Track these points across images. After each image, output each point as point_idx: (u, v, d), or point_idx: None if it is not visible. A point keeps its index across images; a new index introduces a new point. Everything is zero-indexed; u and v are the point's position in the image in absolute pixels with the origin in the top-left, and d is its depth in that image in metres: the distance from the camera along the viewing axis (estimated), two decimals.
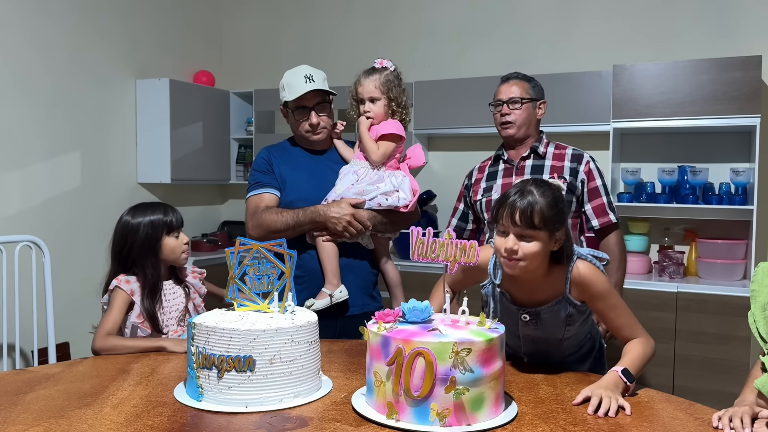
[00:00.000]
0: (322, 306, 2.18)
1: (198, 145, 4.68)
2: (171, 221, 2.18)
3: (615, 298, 1.68)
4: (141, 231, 2.15)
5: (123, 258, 2.18)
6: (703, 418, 1.41)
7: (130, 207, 2.22)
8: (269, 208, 2.29)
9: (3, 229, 3.57)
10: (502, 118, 2.47)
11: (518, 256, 1.58)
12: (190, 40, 4.93)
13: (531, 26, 4.29)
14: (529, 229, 1.57)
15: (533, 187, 1.60)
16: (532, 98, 2.47)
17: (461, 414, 1.32)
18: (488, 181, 2.52)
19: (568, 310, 1.70)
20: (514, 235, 1.59)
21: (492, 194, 2.47)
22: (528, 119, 2.46)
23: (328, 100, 2.34)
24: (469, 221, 2.64)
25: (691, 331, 3.39)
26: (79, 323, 4.07)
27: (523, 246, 1.58)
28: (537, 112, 2.50)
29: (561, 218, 1.61)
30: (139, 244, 2.14)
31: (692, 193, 3.65)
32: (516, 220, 1.57)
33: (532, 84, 2.50)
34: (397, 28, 4.67)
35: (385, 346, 1.37)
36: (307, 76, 2.29)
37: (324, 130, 2.35)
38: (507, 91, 2.46)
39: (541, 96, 2.52)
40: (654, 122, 3.60)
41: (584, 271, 1.66)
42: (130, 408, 1.44)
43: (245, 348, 1.44)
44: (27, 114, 3.76)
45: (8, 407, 1.44)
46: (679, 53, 3.85)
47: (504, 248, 1.59)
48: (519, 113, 2.44)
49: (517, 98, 2.44)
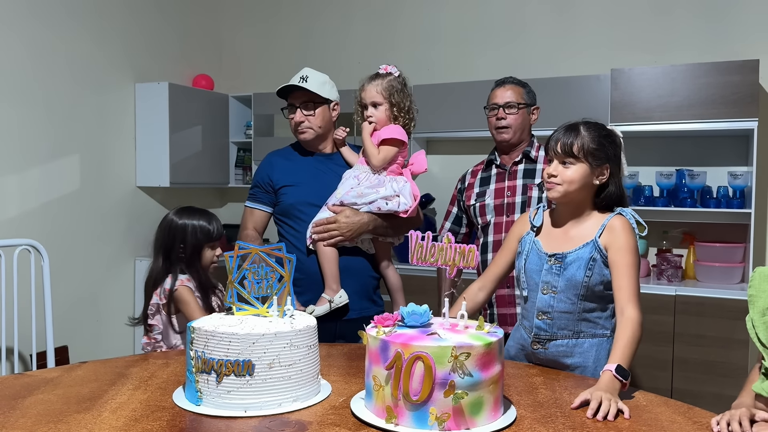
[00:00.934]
0: (322, 312, 2.20)
1: (197, 148, 4.68)
2: (213, 232, 2.31)
3: (632, 259, 1.75)
4: (189, 233, 2.24)
5: (174, 257, 2.26)
6: (701, 422, 1.41)
7: (177, 208, 2.32)
8: (248, 235, 2.39)
9: (2, 233, 3.56)
10: (498, 122, 2.47)
11: (556, 180, 1.78)
12: (190, 44, 4.93)
13: (529, 30, 4.30)
14: (569, 157, 1.77)
15: (581, 124, 1.81)
16: (527, 103, 2.48)
17: (460, 418, 1.33)
18: (481, 186, 2.54)
19: (592, 254, 1.78)
20: (557, 161, 1.79)
21: (485, 199, 2.49)
22: (523, 124, 2.47)
23: (318, 102, 2.35)
24: (462, 225, 2.65)
25: (690, 335, 3.39)
26: (77, 327, 4.08)
27: (562, 171, 1.78)
28: (531, 118, 2.51)
29: (604, 155, 1.80)
30: (190, 247, 2.22)
31: (690, 196, 3.65)
32: (557, 149, 1.78)
33: (527, 89, 2.51)
34: (397, 32, 4.67)
35: (384, 351, 1.37)
36: (303, 77, 2.34)
37: (309, 130, 2.37)
38: (503, 96, 2.47)
39: (535, 102, 2.53)
40: (652, 126, 3.60)
41: (620, 221, 1.79)
42: (129, 412, 1.44)
43: (244, 352, 1.44)
44: (27, 117, 3.76)
45: (7, 411, 1.44)
46: (677, 57, 3.86)
47: (546, 174, 1.81)
48: (515, 118, 2.45)
49: (513, 103, 2.45)
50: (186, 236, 2.26)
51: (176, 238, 2.26)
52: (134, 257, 4.52)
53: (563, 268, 1.80)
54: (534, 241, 1.88)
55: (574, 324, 1.83)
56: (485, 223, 2.49)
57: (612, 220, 1.80)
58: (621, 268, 1.74)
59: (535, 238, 1.88)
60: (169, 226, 2.28)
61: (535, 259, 1.86)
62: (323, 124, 2.38)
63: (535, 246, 1.87)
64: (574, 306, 1.81)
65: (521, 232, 1.93)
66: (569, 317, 1.82)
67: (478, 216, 2.51)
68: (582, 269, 1.79)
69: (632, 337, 1.66)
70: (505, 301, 2.42)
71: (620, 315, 1.71)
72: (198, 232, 2.27)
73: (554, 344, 1.84)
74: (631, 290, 1.72)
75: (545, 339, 1.85)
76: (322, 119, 2.37)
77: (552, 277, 1.82)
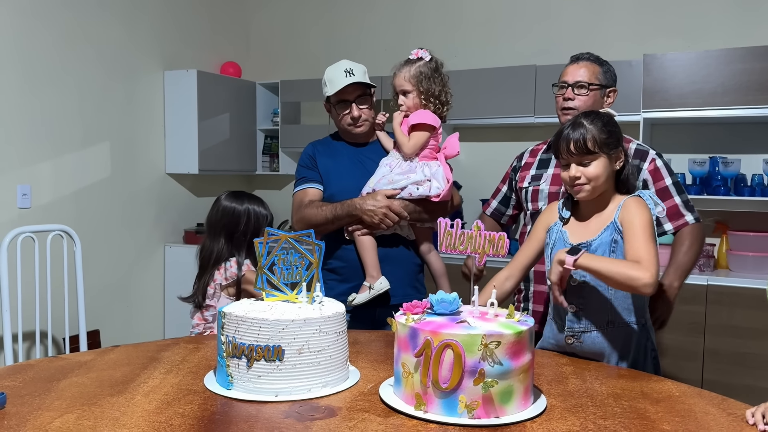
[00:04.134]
0: (363, 299, 2.23)
1: (225, 135, 4.71)
2: (270, 218, 2.36)
3: (646, 233, 1.72)
4: (253, 218, 2.29)
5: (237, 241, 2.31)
6: (736, 414, 1.39)
7: (230, 192, 2.36)
8: (312, 202, 2.34)
9: (35, 219, 3.63)
10: (564, 103, 2.19)
11: (582, 181, 1.76)
12: (217, 32, 4.95)
13: (560, 15, 4.23)
14: (586, 155, 1.74)
15: (583, 119, 1.78)
16: (601, 84, 2.20)
17: (490, 406, 1.32)
18: (539, 169, 2.29)
19: (613, 236, 1.77)
20: (574, 164, 1.76)
21: (540, 183, 2.25)
22: (593, 107, 2.13)
23: (368, 93, 2.36)
24: (509, 206, 2.45)
25: (722, 325, 3.34)
26: (109, 311, 4.15)
27: (584, 171, 1.76)
28: (605, 101, 2.22)
29: (615, 139, 1.78)
30: (251, 232, 2.27)
31: (723, 184, 3.58)
32: (572, 149, 1.75)
33: (604, 68, 2.23)
34: (424, 17, 4.64)
35: (413, 338, 1.36)
36: (347, 70, 2.31)
37: (366, 123, 2.37)
38: (574, 73, 2.20)
39: (613, 83, 2.24)
40: (685, 112, 3.53)
41: (635, 200, 1.79)
42: (161, 396, 1.46)
43: (274, 338, 1.45)
44: (58, 105, 3.81)
45: (43, 393, 1.47)
46: (711, 42, 3.78)
47: (568, 178, 1.78)
48: (584, 100, 2.17)
49: (584, 82, 2.17)
50: (249, 221, 2.31)
51: (240, 222, 2.31)
52: (164, 243, 4.58)
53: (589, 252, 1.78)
54: (561, 231, 1.86)
55: (606, 313, 1.81)
56: (535, 210, 2.22)
57: (627, 200, 1.79)
58: (631, 236, 1.72)
59: (562, 228, 1.86)
60: (232, 209, 2.33)
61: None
62: (373, 114, 2.40)
63: (562, 237, 1.85)
64: (604, 294, 1.79)
65: (549, 222, 1.91)
66: (600, 307, 1.80)
67: (529, 201, 2.27)
68: (606, 254, 1.77)
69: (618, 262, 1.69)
70: (542, 277, 2.21)
71: None
72: (259, 217, 2.32)
73: (588, 336, 1.82)
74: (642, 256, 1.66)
75: (579, 332, 1.83)
76: (373, 110, 2.39)
77: None
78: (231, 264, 2.29)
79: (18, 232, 3.02)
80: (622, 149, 1.81)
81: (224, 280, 2.30)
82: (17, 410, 1.36)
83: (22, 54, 3.61)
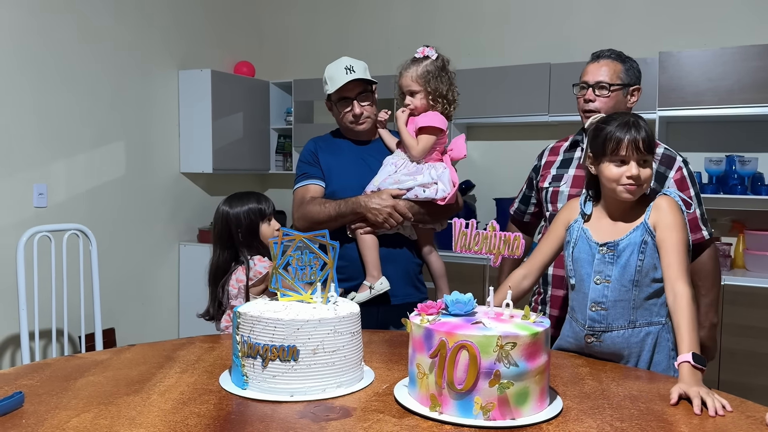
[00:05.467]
0: (363, 299, 2.20)
1: (239, 135, 4.73)
2: (264, 209, 2.28)
3: (680, 236, 1.72)
4: (243, 219, 2.26)
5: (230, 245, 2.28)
6: (755, 416, 1.38)
7: (227, 198, 2.34)
8: (314, 199, 2.31)
9: (51, 218, 3.66)
10: (586, 105, 2.14)
11: (639, 182, 1.72)
12: (231, 31, 4.97)
13: (574, 12, 4.21)
14: (648, 155, 1.73)
15: (637, 119, 1.74)
16: (623, 84, 2.13)
17: (505, 408, 1.31)
18: (560, 169, 2.24)
19: (644, 236, 1.75)
20: (635, 162, 1.71)
21: (560, 185, 2.19)
22: (616, 107, 2.09)
23: (370, 90, 2.34)
24: (530, 204, 2.42)
25: (739, 325, 3.31)
26: (124, 310, 4.18)
27: (643, 171, 1.72)
28: (628, 100, 2.16)
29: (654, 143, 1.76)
30: (244, 232, 2.25)
31: (740, 183, 3.55)
32: (641, 148, 1.70)
33: (627, 66, 2.15)
34: (437, 16, 4.63)
35: (428, 339, 1.36)
36: (348, 67, 2.29)
37: (368, 120, 2.35)
38: (595, 73, 2.13)
39: (636, 81, 2.17)
40: (701, 111, 3.51)
41: (666, 200, 1.76)
42: (177, 395, 1.46)
43: (289, 338, 1.45)
44: (73, 105, 3.84)
45: (60, 392, 1.48)
46: (727, 39, 3.74)
47: (627, 176, 1.71)
48: (606, 101, 2.11)
49: (605, 83, 2.11)
50: (240, 220, 2.29)
51: (231, 225, 2.29)
52: (178, 242, 4.60)
53: (617, 255, 1.76)
54: (582, 229, 1.84)
55: (630, 313, 1.79)
56: (555, 211, 2.14)
57: (658, 200, 1.77)
58: (670, 244, 1.71)
59: (583, 226, 1.84)
60: (222, 216, 2.31)
61: (585, 248, 1.82)
62: (374, 113, 2.38)
63: (584, 234, 1.83)
64: (629, 294, 1.77)
65: (569, 219, 1.89)
66: (624, 306, 1.78)
67: (549, 203, 2.22)
68: (635, 254, 1.75)
69: (692, 318, 1.61)
70: (560, 282, 2.18)
71: (670, 292, 1.67)
72: (250, 213, 2.29)
73: (609, 336, 1.80)
74: (680, 267, 1.68)
75: (600, 331, 1.81)
76: (375, 107, 2.37)
77: (605, 266, 1.78)
78: (254, 262, 2.29)
79: (34, 231, 3.04)
80: None
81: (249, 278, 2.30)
82: (35, 409, 1.37)
83: (37, 54, 3.64)
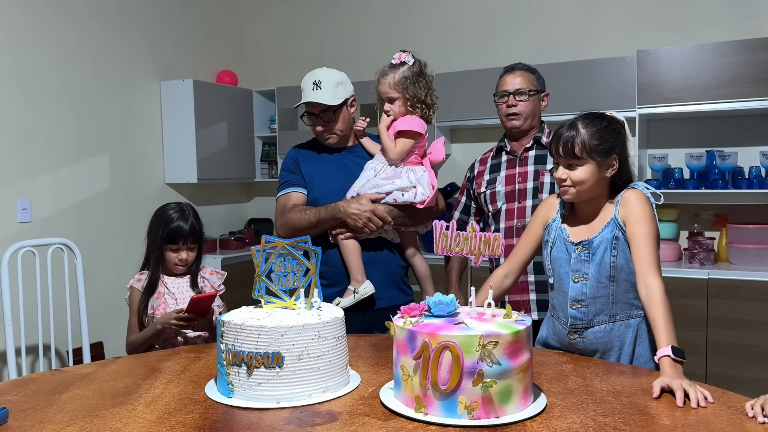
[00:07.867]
0: (348, 303, 2.20)
1: (223, 144, 4.72)
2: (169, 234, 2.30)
3: (649, 229, 1.73)
4: (152, 228, 2.28)
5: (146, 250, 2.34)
6: (736, 407, 1.39)
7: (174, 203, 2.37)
8: (295, 206, 2.32)
9: (35, 232, 3.64)
10: (509, 110, 2.44)
11: (568, 184, 1.76)
12: (212, 41, 4.97)
13: (553, 14, 4.24)
14: (573, 159, 1.75)
15: (579, 121, 1.77)
16: (537, 90, 2.45)
17: (490, 407, 1.32)
18: (491, 173, 2.51)
19: (614, 232, 1.77)
20: (562, 165, 1.77)
21: (496, 186, 2.46)
22: (533, 111, 2.44)
23: (333, 109, 2.30)
24: (470, 214, 2.63)
25: (723, 318, 3.34)
26: (111, 323, 4.15)
27: (570, 174, 1.76)
28: (541, 104, 2.49)
29: (608, 147, 1.75)
30: (149, 241, 2.27)
31: (721, 177, 3.58)
32: (559, 151, 1.76)
33: (537, 75, 2.48)
34: (418, 20, 4.65)
35: (411, 341, 1.37)
36: (316, 83, 2.28)
37: (333, 135, 2.35)
38: (513, 82, 2.44)
39: (545, 88, 2.51)
40: (680, 107, 3.54)
41: (633, 193, 1.78)
42: (162, 406, 1.46)
43: (273, 344, 1.45)
44: (55, 118, 3.82)
45: (45, 407, 1.48)
46: (704, 36, 3.78)
47: (555, 177, 1.79)
48: (525, 105, 2.42)
49: (523, 89, 2.42)
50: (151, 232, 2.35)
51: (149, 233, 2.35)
52: None
53: (592, 253, 1.79)
54: (561, 228, 1.86)
55: (609, 308, 1.81)
56: (496, 210, 2.45)
57: (626, 194, 1.79)
58: (638, 238, 1.73)
59: (561, 225, 1.86)
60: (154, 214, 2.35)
61: (562, 247, 1.84)
62: (344, 126, 2.36)
63: (562, 234, 1.85)
64: (607, 290, 1.80)
65: (547, 217, 1.91)
66: (603, 302, 1.81)
67: (489, 203, 2.48)
68: (608, 251, 1.77)
69: (667, 310, 1.63)
70: (517, 288, 2.34)
71: (643, 286, 1.69)
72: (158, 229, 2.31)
73: (591, 332, 1.83)
74: (650, 259, 1.70)
75: (582, 328, 1.83)
76: (342, 122, 2.34)
77: (581, 264, 1.80)
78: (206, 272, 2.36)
79: (18, 246, 3.02)
80: (616, 157, 1.78)
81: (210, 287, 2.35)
82: (19, 424, 1.37)
83: (19, 69, 3.62)
